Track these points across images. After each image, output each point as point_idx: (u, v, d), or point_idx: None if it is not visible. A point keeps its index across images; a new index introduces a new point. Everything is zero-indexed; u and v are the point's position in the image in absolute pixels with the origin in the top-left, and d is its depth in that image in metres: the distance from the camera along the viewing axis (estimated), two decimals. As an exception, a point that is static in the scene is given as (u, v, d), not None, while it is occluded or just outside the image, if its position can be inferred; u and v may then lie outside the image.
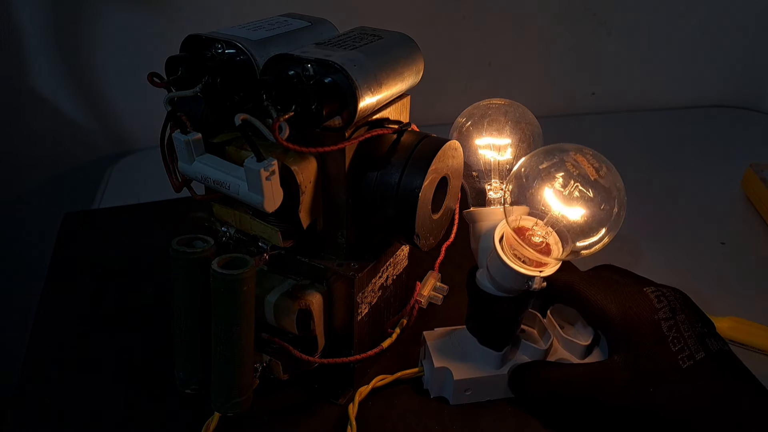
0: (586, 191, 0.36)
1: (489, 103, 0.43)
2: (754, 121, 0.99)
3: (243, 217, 0.39)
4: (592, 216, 0.36)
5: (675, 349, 0.37)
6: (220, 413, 0.40)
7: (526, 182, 0.37)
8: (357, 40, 0.37)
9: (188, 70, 0.36)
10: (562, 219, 0.37)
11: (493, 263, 0.39)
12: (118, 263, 0.58)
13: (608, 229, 0.36)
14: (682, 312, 0.39)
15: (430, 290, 0.45)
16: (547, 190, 0.37)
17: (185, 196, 0.40)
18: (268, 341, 0.39)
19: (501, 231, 0.39)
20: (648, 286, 0.41)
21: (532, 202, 0.37)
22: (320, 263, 0.40)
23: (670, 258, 0.62)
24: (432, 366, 0.43)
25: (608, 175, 0.36)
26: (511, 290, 0.39)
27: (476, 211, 0.42)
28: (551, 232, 0.37)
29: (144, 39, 0.79)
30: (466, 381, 0.42)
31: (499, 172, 0.43)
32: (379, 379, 0.44)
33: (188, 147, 0.35)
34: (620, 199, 0.36)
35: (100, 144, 0.87)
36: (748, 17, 0.96)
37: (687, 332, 0.38)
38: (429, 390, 0.44)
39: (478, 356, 0.43)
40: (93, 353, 0.47)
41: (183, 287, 0.35)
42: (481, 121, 0.43)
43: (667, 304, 0.39)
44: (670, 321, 0.38)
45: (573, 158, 0.36)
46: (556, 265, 0.38)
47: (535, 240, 0.37)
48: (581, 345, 0.43)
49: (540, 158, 0.37)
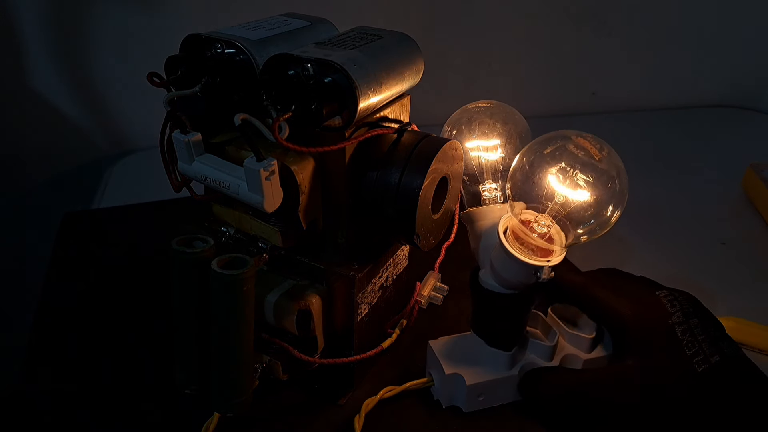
0: (591, 174, 0.36)
1: (475, 106, 0.44)
2: (754, 121, 0.99)
3: (243, 217, 0.39)
4: (600, 196, 0.36)
5: (690, 353, 0.37)
6: (220, 413, 0.40)
7: (529, 170, 0.37)
8: (357, 39, 0.37)
9: (188, 69, 0.36)
10: (565, 207, 0.37)
11: (498, 258, 0.38)
12: (118, 263, 0.58)
13: (615, 207, 0.36)
14: (694, 316, 0.39)
15: (430, 290, 0.44)
16: (551, 176, 0.37)
17: (185, 196, 0.40)
18: (268, 341, 0.39)
19: (504, 224, 0.38)
20: (660, 290, 0.40)
21: (537, 189, 0.37)
22: (320, 263, 0.40)
23: (670, 258, 0.62)
24: (442, 374, 0.42)
25: (610, 155, 0.36)
26: (518, 285, 0.39)
27: (473, 211, 0.42)
28: (553, 223, 0.37)
29: (144, 39, 0.79)
30: (480, 385, 0.41)
31: (492, 173, 0.43)
32: (387, 390, 0.43)
33: (188, 147, 0.35)
34: (623, 177, 0.36)
35: (100, 144, 0.87)
36: (748, 17, 0.96)
37: (701, 336, 0.38)
38: (440, 400, 0.43)
39: (487, 359, 0.42)
40: (93, 353, 0.47)
41: (182, 287, 0.35)
42: (468, 124, 0.43)
43: (680, 308, 0.39)
44: (684, 325, 0.38)
45: (575, 141, 0.36)
46: (561, 254, 0.37)
47: (540, 230, 0.37)
48: (587, 338, 0.43)
49: (542, 145, 0.37)
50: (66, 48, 0.79)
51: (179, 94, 0.35)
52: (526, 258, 0.37)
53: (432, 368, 0.44)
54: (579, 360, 0.43)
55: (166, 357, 0.46)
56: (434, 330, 0.49)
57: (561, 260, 0.37)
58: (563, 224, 0.37)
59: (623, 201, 0.36)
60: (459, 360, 0.42)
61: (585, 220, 0.37)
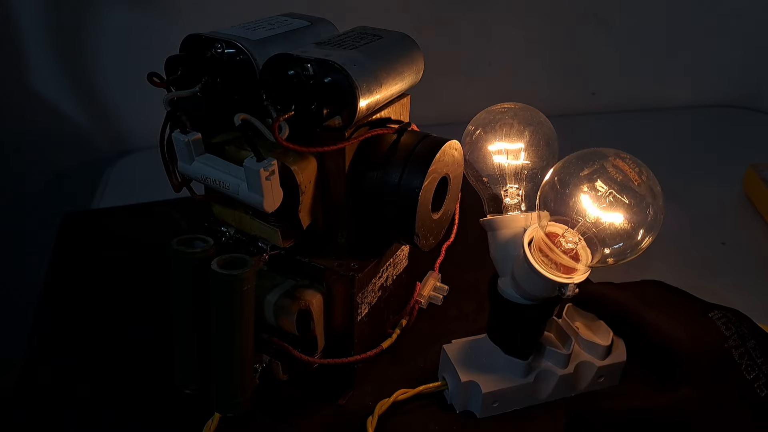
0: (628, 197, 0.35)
1: (500, 108, 0.43)
2: (754, 121, 0.98)
3: (243, 217, 0.39)
4: (634, 220, 0.35)
5: (750, 377, 0.36)
6: (221, 413, 0.40)
7: (560, 188, 0.36)
8: (357, 39, 0.37)
9: (188, 69, 0.36)
10: (596, 225, 0.36)
11: (521, 270, 0.38)
12: (118, 263, 0.58)
13: (647, 232, 0.35)
14: (751, 338, 0.38)
15: (430, 290, 0.45)
16: (584, 196, 0.36)
17: (185, 196, 0.40)
18: (268, 341, 0.39)
19: (530, 236, 0.38)
20: (712, 311, 0.39)
21: (569, 205, 0.36)
22: (320, 263, 0.40)
23: (670, 258, 0.62)
24: (458, 380, 0.41)
25: (649, 179, 0.35)
26: (539, 297, 0.38)
27: (495, 219, 0.40)
28: (581, 240, 0.36)
29: (144, 39, 0.79)
30: (495, 393, 0.41)
31: (515, 176, 0.42)
32: (401, 393, 0.42)
33: (188, 147, 0.35)
34: (660, 202, 0.35)
35: (100, 144, 0.87)
36: (748, 17, 0.96)
37: (760, 359, 0.36)
38: (454, 405, 0.43)
39: (503, 366, 0.42)
40: (92, 353, 0.47)
41: (182, 287, 0.35)
42: (492, 126, 0.42)
43: (735, 331, 0.38)
44: (741, 348, 0.37)
45: (613, 163, 0.35)
46: (586, 273, 0.37)
47: (566, 246, 0.37)
48: (603, 346, 0.42)
49: (579, 165, 0.36)
50: (66, 48, 0.79)
51: (179, 94, 0.35)
52: (552, 275, 0.36)
53: (446, 372, 0.44)
54: (593, 367, 0.43)
55: (166, 357, 0.46)
56: (434, 330, 0.50)
57: (584, 279, 0.37)
58: (591, 243, 0.36)
59: (657, 227, 0.35)
60: (474, 366, 0.42)
61: (615, 242, 0.36)
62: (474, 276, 0.55)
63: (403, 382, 0.44)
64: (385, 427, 0.41)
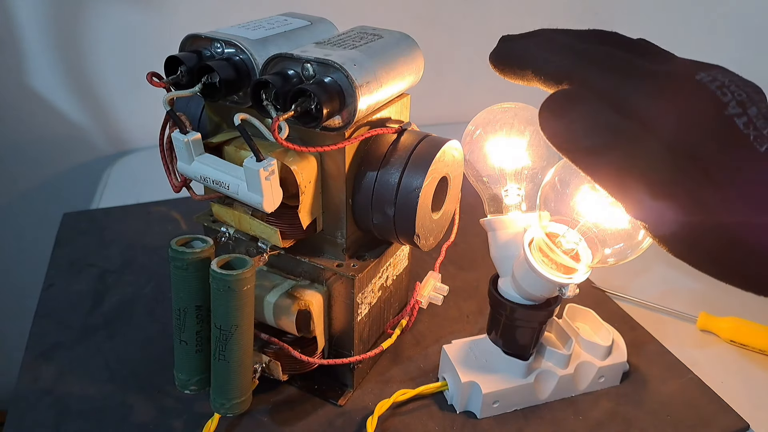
0: None
1: (500, 108, 0.42)
2: (754, 121, 0.98)
3: (243, 217, 0.39)
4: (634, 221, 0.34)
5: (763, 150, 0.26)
6: (220, 414, 0.40)
7: (561, 188, 0.36)
8: (357, 39, 0.37)
9: (188, 69, 0.36)
10: (597, 225, 0.35)
11: (521, 270, 0.38)
12: (117, 263, 0.58)
13: None
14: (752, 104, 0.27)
15: (430, 290, 0.44)
16: (585, 196, 0.36)
17: (185, 196, 0.40)
18: (268, 341, 0.39)
19: (531, 236, 0.37)
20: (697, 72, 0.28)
21: (569, 204, 0.36)
22: (320, 263, 0.40)
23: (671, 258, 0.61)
24: (458, 381, 0.42)
25: None
26: (539, 298, 0.38)
27: (495, 219, 0.40)
28: (581, 240, 0.36)
29: (143, 39, 0.79)
30: (495, 393, 0.41)
31: (516, 176, 0.42)
32: (401, 393, 0.42)
33: (187, 147, 0.35)
34: None
35: (99, 144, 0.87)
36: (748, 17, 0.96)
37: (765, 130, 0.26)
38: (454, 405, 0.43)
39: (503, 367, 0.42)
40: (92, 353, 0.47)
41: (182, 288, 0.35)
42: (492, 126, 0.42)
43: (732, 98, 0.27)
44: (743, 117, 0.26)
45: None
46: (586, 273, 0.37)
47: (567, 247, 0.37)
48: (603, 346, 0.42)
49: None
50: (66, 48, 0.79)
51: (179, 94, 0.35)
52: (553, 275, 0.36)
53: (446, 372, 0.44)
54: (594, 367, 0.43)
55: (166, 357, 0.46)
56: (434, 330, 0.50)
57: (585, 279, 0.36)
58: (592, 243, 0.36)
59: None
60: (474, 367, 0.42)
61: (616, 242, 0.36)
62: (474, 276, 0.55)
63: (403, 382, 0.44)
64: (385, 427, 0.41)
